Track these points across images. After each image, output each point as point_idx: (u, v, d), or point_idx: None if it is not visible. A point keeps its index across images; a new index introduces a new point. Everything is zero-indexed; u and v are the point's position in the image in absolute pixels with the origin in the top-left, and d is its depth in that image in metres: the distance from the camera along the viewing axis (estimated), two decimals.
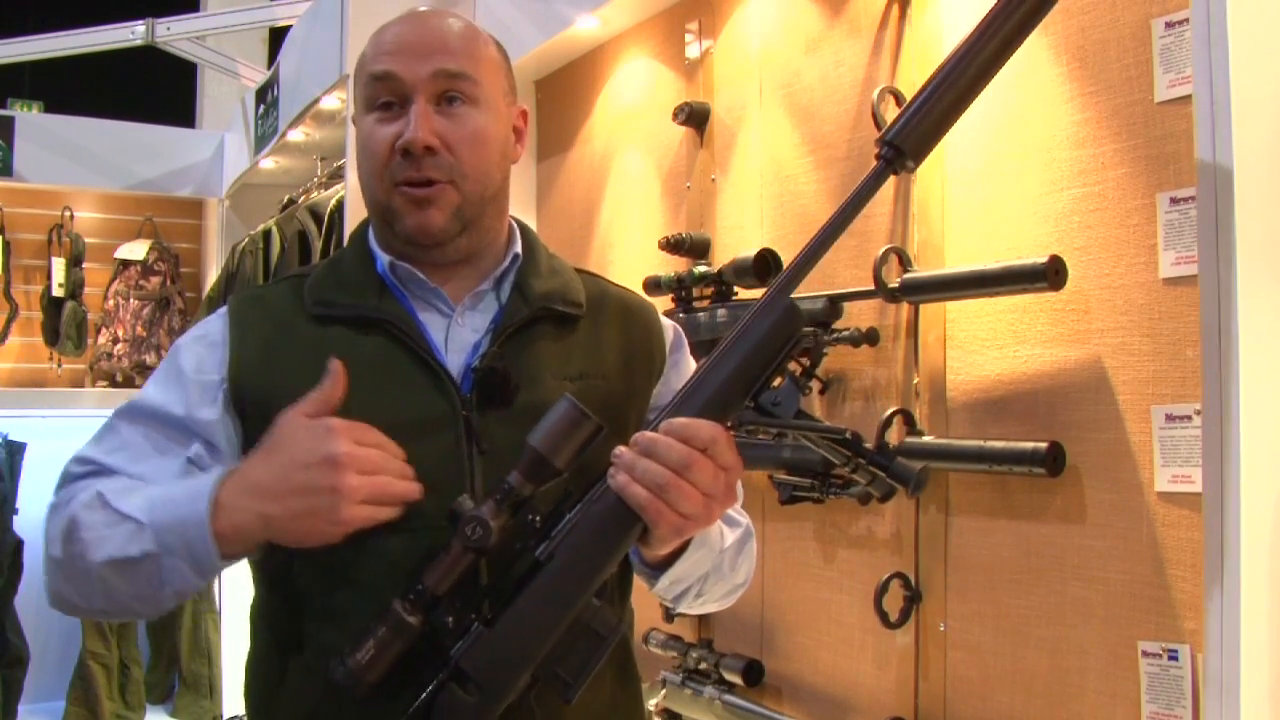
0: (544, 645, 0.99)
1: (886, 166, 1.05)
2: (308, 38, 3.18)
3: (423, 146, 1.11)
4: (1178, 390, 1.29)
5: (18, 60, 4.28)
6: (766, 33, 1.98)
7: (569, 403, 1.00)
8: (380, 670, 0.98)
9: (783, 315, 1.01)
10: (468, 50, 1.16)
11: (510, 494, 1.00)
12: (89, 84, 5.97)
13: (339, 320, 1.15)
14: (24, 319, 4.49)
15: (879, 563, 1.69)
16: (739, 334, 1.01)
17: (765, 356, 1.01)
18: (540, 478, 1.00)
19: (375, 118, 1.15)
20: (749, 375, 1.00)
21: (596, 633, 1.00)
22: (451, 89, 1.14)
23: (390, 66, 1.13)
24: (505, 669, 0.99)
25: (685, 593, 1.15)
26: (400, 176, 1.13)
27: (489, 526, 0.98)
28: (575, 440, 0.99)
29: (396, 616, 0.98)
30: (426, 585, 0.99)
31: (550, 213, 2.65)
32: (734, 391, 1.00)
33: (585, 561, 0.99)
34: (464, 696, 0.98)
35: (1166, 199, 1.31)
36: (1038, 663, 1.44)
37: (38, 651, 4.17)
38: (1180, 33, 1.29)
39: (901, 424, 1.61)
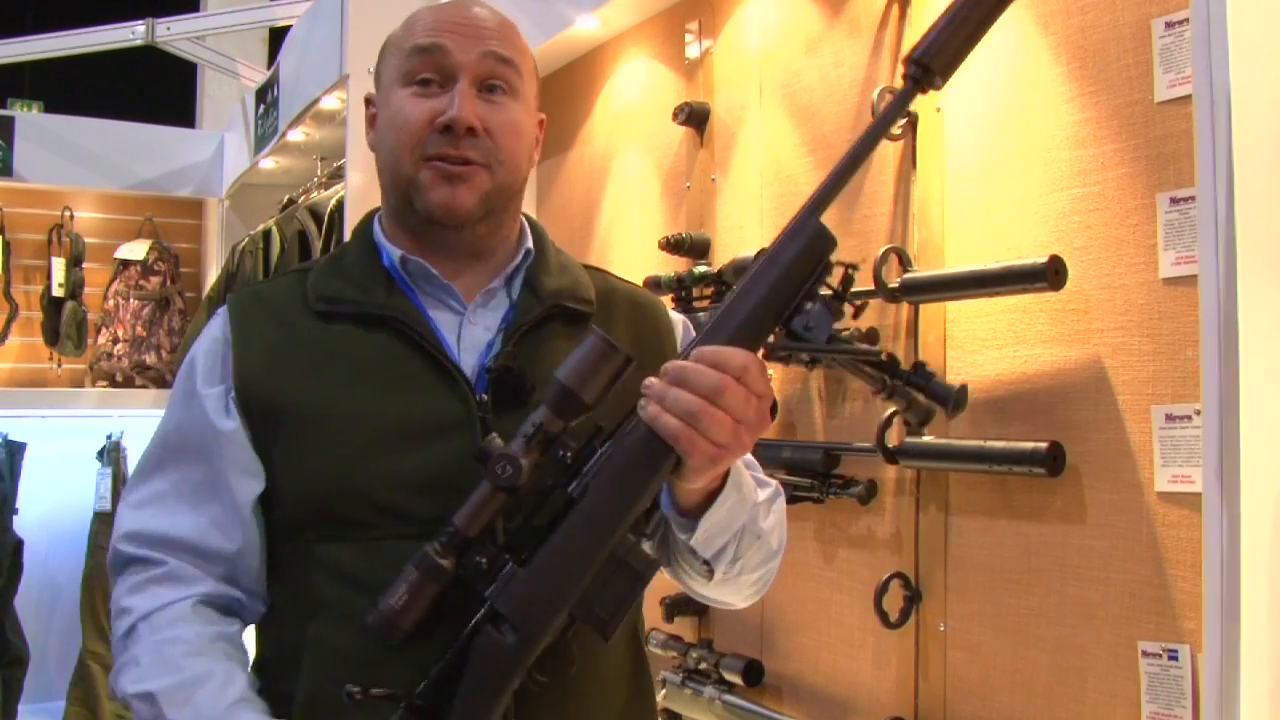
0: (579, 583, 0.97)
1: (914, 85, 1.01)
2: (308, 38, 3.18)
3: (465, 126, 1.10)
4: (1178, 390, 1.29)
5: (18, 60, 4.28)
6: (767, 33, 1.98)
7: (597, 336, 0.97)
8: (415, 615, 0.97)
9: (812, 238, 0.98)
10: (514, 43, 1.16)
11: (539, 431, 0.97)
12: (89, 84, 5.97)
13: (344, 317, 1.12)
14: (24, 319, 4.49)
15: (879, 563, 1.69)
16: (767, 259, 0.99)
17: (795, 281, 0.97)
18: (569, 413, 0.97)
19: (412, 91, 1.12)
20: (779, 300, 0.97)
21: (632, 568, 0.98)
22: (497, 75, 1.13)
23: (440, 40, 1.12)
24: (541, 608, 0.97)
25: (723, 552, 1.08)
26: (434, 151, 1.10)
27: (519, 464, 0.97)
28: (604, 374, 0.97)
29: (428, 559, 0.97)
30: (458, 527, 0.97)
31: (550, 212, 2.65)
32: (764, 318, 0.98)
33: (619, 496, 0.97)
34: (500, 638, 0.97)
35: (1166, 199, 1.31)
36: (1038, 663, 1.44)
37: (38, 651, 4.17)
38: (1180, 33, 1.29)
39: (901, 424, 1.61)
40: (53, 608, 4.45)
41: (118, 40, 4.06)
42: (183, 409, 1.14)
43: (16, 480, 4.10)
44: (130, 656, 1.06)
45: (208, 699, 1.02)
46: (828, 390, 1.82)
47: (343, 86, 2.81)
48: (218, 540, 1.10)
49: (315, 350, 1.11)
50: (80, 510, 4.29)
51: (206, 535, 1.10)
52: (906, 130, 1.65)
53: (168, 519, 1.10)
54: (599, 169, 2.48)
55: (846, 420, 1.77)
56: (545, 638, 0.98)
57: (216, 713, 1.01)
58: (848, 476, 1.72)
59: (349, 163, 2.78)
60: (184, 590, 1.09)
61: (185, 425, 1.13)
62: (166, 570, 1.09)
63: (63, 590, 4.40)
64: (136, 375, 4.48)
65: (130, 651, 1.06)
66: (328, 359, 1.11)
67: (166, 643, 1.05)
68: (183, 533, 1.10)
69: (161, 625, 1.06)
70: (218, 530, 1.10)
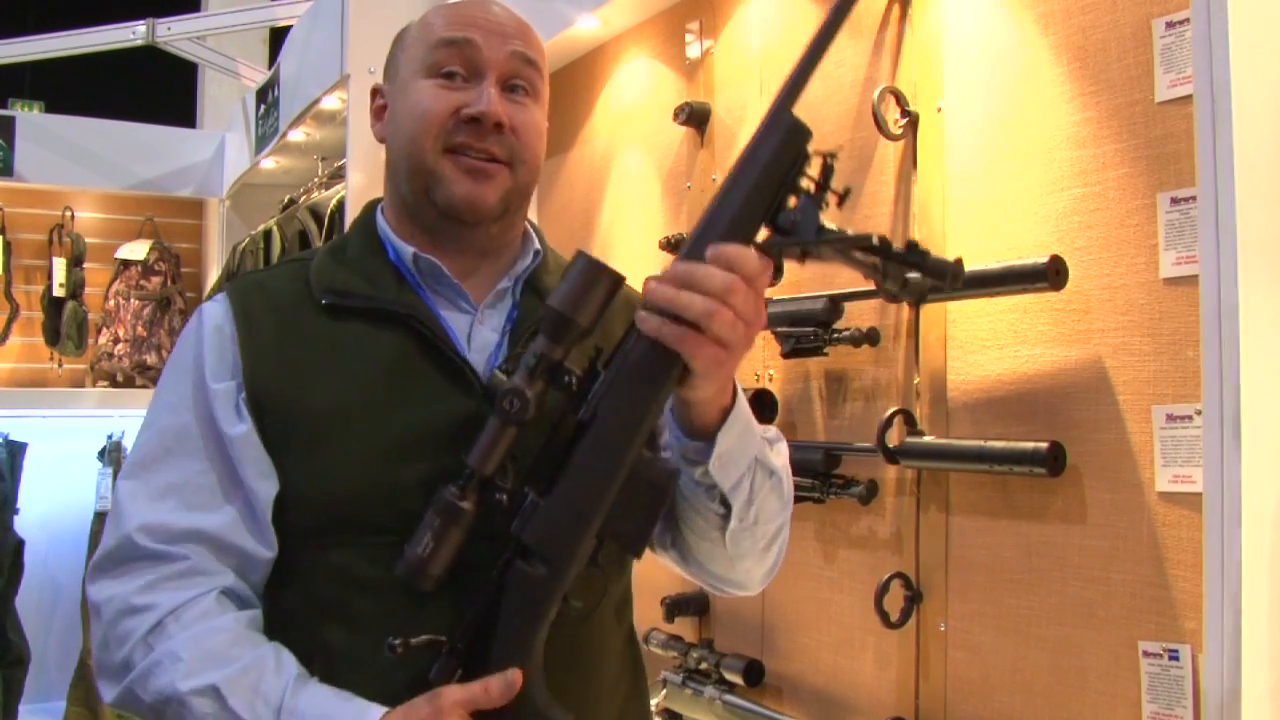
0: (602, 505, 0.97)
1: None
2: (308, 38, 3.18)
3: (495, 121, 1.09)
4: (1178, 390, 1.29)
5: (18, 60, 4.28)
6: (767, 32, 1.98)
7: (585, 257, 0.97)
8: (444, 562, 0.96)
9: (789, 132, 0.97)
10: (537, 45, 1.17)
11: (541, 360, 0.97)
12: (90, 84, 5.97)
13: (353, 312, 1.10)
14: (25, 319, 4.49)
15: (880, 563, 1.69)
16: (745, 158, 0.97)
17: (776, 176, 0.96)
18: (566, 338, 0.97)
19: (436, 83, 1.11)
20: (763, 198, 0.96)
21: (652, 484, 0.98)
22: (521, 75, 1.13)
23: (469, 35, 1.11)
24: (568, 536, 0.97)
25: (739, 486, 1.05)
26: (458, 142, 1.10)
27: (526, 397, 0.96)
28: (596, 295, 0.97)
29: (447, 502, 0.96)
30: (473, 467, 0.97)
31: (551, 213, 2.65)
32: (750, 216, 0.96)
33: (629, 413, 0.97)
34: (532, 571, 0.97)
35: (1167, 199, 1.31)
36: (1038, 663, 1.44)
37: (38, 651, 4.17)
38: (1181, 32, 1.29)
39: (902, 424, 1.61)
40: (53, 608, 4.45)
41: (118, 40, 4.06)
42: (192, 400, 1.09)
43: (17, 480, 4.10)
44: (166, 652, 0.99)
45: (270, 684, 0.99)
46: (828, 390, 1.82)
47: (343, 87, 2.81)
48: (243, 536, 1.06)
49: (326, 348, 1.09)
50: (81, 510, 4.29)
51: (233, 531, 1.06)
52: (907, 130, 1.65)
53: (190, 512, 1.05)
54: (599, 169, 2.48)
55: (847, 420, 1.78)
56: (576, 563, 0.98)
57: (280, 693, 0.98)
58: (848, 476, 1.72)
59: (349, 163, 2.78)
60: (207, 584, 1.04)
61: (200, 416, 1.08)
62: (189, 565, 1.04)
63: (63, 590, 4.40)
64: (137, 375, 4.48)
65: (164, 648, 1.00)
66: (339, 357, 1.08)
67: (206, 635, 1.00)
68: (210, 526, 1.05)
69: (193, 619, 1.01)
70: (241, 528, 1.06)
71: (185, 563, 1.04)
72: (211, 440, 1.08)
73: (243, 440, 1.07)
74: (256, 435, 1.07)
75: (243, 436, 1.07)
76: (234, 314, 1.11)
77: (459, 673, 0.98)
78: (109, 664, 1.03)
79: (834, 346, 1.72)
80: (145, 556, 1.04)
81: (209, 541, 1.05)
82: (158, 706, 0.99)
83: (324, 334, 1.10)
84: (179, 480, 1.07)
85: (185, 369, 1.11)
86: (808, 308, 1.73)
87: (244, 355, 1.09)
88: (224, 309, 1.12)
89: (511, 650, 0.97)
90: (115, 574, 1.05)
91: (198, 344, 1.11)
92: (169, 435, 1.09)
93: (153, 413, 1.11)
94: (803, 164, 0.97)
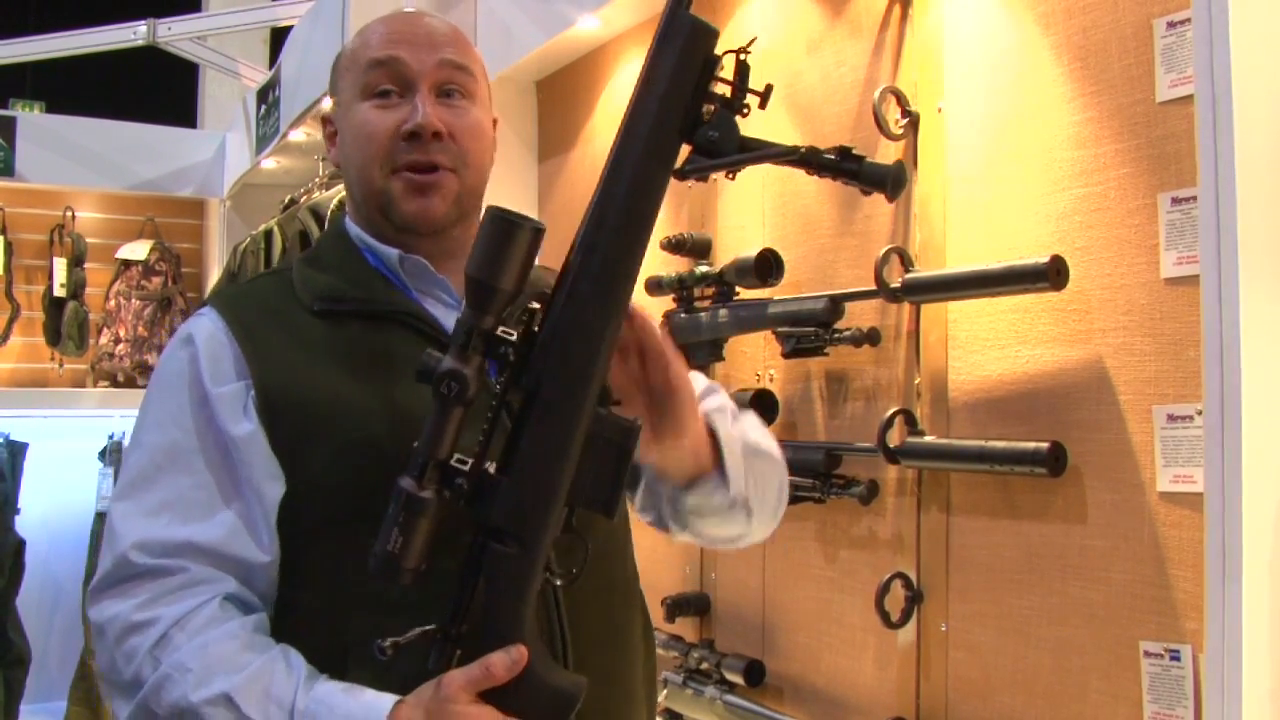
0: (563, 475, 0.94)
1: None
2: (309, 38, 3.18)
3: (432, 131, 1.12)
4: (1179, 390, 1.29)
5: (19, 60, 4.29)
6: (768, 33, 1.98)
7: (493, 213, 0.92)
8: (417, 553, 0.92)
9: (689, 35, 0.91)
10: (465, 48, 1.19)
11: (469, 334, 0.93)
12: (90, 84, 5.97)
13: (348, 315, 1.12)
14: (25, 319, 4.49)
15: (880, 563, 1.69)
16: (645, 73, 0.92)
17: (685, 87, 0.91)
18: (491, 305, 0.93)
19: (373, 104, 1.14)
20: (673, 116, 0.91)
21: (613, 442, 0.95)
22: (453, 80, 1.15)
23: (395, 53, 1.14)
24: (535, 510, 0.94)
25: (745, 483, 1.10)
26: (403, 161, 1.12)
27: (463, 375, 0.91)
28: (513, 253, 0.92)
29: (407, 495, 0.92)
30: (426, 455, 0.93)
31: (552, 213, 2.65)
32: (664, 140, 0.92)
33: (574, 376, 0.94)
34: (506, 550, 0.94)
35: (1168, 199, 1.31)
36: (1039, 663, 1.44)
37: (39, 651, 4.17)
38: (1182, 32, 1.29)
39: (903, 424, 1.61)
40: (54, 608, 4.45)
41: (119, 41, 4.07)
42: (187, 410, 1.08)
43: (18, 480, 4.10)
44: (174, 664, 0.99)
45: (281, 686, 0.98)
46: (829, 390, 1.82)
47: None
48: (241, 545, 1.06)
49: (328, 347, 1.10)
50: (82, 510, 4.29)
51: (229, 540, 1.05)
52: (908, 130, 1.65)
53: (185, 526, 1.05)
54: (600, 169, 2.47)
55: (848, 420, 1.77)
56: (548, 536, 0.95)
57: (292, 695, 0.98)
58: (849, 476, 1.72)
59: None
60: (208, 592, 1.04)
61: (193, 428, 1.08)
62: (188, 576, 1.03)
63: (64, 590, 4.40)
64: (138, 375, 4.48)
65: (171, 660, 0.99)
66: (343, 355, 1.10)
67: (213, 643, 1.00)
68: (204, 537, 1.04)
69: (199, 628, 1.01)
70: (242, 534, 1.06)
71: (184, 575, 1.04)
72: (211, 449, 1.07)
73: (248, 441, 1.06)
74: (263, 436, 1.07)
75: (248, 436, 1.06)
76: (227, 322, 1.11)
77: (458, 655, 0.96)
78: (120, 683, 1.02)
79: (835, 346, 1.72)
80: (143, 573, 1.04)
81: (205, 554, 1.05)
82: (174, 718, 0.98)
83: (323, 336, 1.11)
84: (172, 496, 1.06)
85: (175, 384, 1.10)
86: (808, 308, 1.73)
87: (250, 356, 1.09)
88: (214, 320, 1.12)
89: (502, 630, 0.95)
90: (114, 594, 1.04)
91: (190, 357, 1.10)
92: (159, 452, 1.08)
93: (140, 431, 1.11)
94: (713, 68, 0.93)
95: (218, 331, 1.11)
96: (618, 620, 1.17)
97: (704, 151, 0.93)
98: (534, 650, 0.96)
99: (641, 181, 0.95)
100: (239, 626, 1.03)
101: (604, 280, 0.95)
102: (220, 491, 1.07)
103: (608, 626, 1.14)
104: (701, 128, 0.93)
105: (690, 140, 0.93)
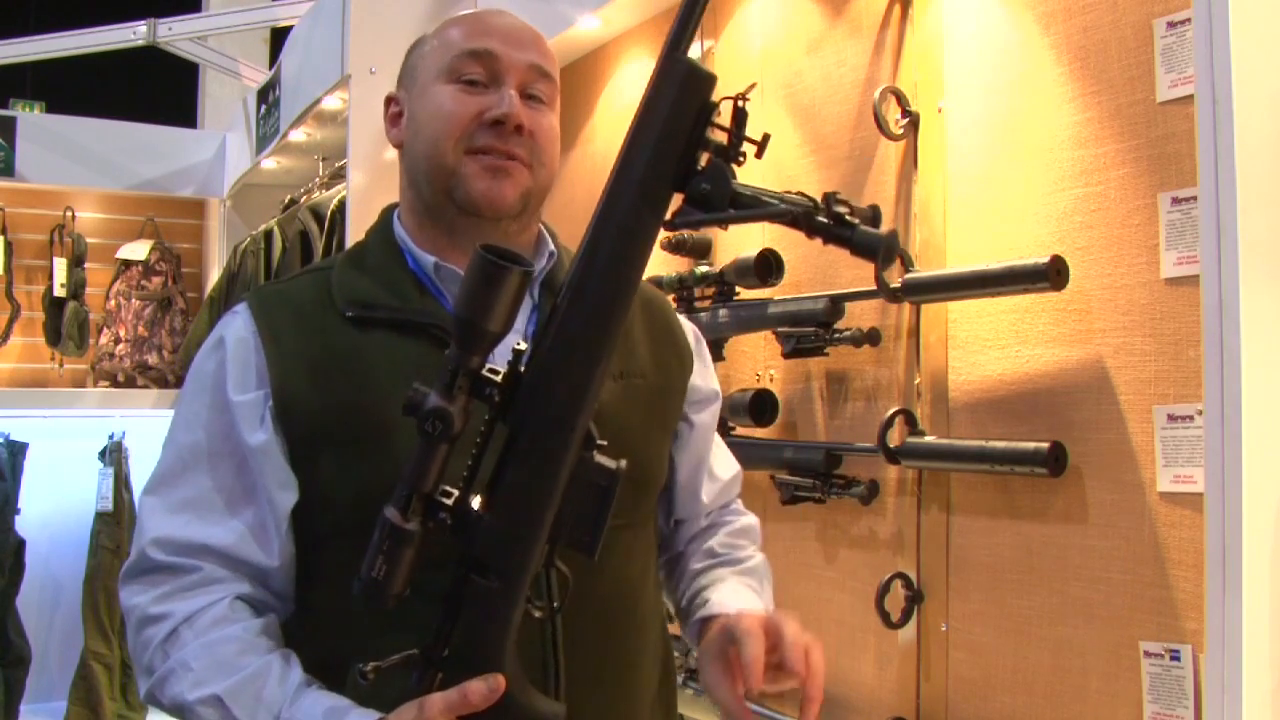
0: (545, 514, 0.94)
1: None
2: (309, 38, 3.18)
3: (517, 123, 1.12)
4: (1180, 390, 1.29)
5: (20, 60, 4.29)
6: (768, 32, 1.98)
7: (480, 254, 0.90)
8: (401, 580, 0.93)
9: (684, 80, 0.90)
10: (551, 58, 1.20)
11: (456, 373, 0.92)
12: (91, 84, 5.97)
13: (378, 323, 1.12)
14: (26, 319, 4.49)
15: (881, 563, 1.69)
16: (639, 118, 0.91)
17: (679, 134, 0.89)
18: (478, 346, 0.92)
19: (458, 88, 1.14)
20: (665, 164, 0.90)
21: (596, 484, 0.95)
22: (537, 85, 1.16)
23: (489, 45, 1.15)
24: (515, 547, 0.95)
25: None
26: (481, 144, 1.12)
27: (448, 414, 0.91)
28: (502, 295, 0.90)
29: (389, 524, 0.93)
30: (410, 487, 0.93)
31: (552, 213, 2.64)
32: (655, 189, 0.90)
33: (558, 418, 0.93)
34: (487, 584, 0.95)
35: (1168, 199, 1.31)
36: (1040, 663, 1.44)
37: (39, 651, 4.17)
38: (1182, 32, 1.29)
39: (903, 424, 1.61)
40: (54, 608, 4.45)
41: (119, 41, 4.07)
42: (211, 414, 1.11)
43: (18, 480, 4.11)
44: (179, 660, 1.03)
45: (273, 691, 1.01)
46: (829, 390, 1.82)
47: (344, 87, 2.81)
48: (252, 550, 1.09)
49: (352, 356, 1.10)
50: (82, 510, 4.29)
51: (241, 545, 1.08)
52: (908, 130, 1.65)
53: (202, 527, 1.08)
54: (601, 169, 2.47)
55: (848, 420, 1.77)
56: (528, 573, 0.96)
57: (283, 703, 1.01)
58: (850, 476, 1.72)
59: (350, 163, 2.78)
60: (221, 591, 1.07)
61: (217, 432, 1.10)
62: (201, 575, 1.07)
63: (64, 590, 4.40)
64: (138, 375, 4.48)
65: (177, 656, 1.04)
66: (366, 365, 1.10)
67: (217, 643, 1.04)
68: (218, 541, 1.08)
69: (206, 626, 1.05)
70: (253, 540, 1.09)
71: (198, 573, 1.08)
72: (230, 454, 1.10)
73: (263, 450, 1.08)
74: (278, 446, 1.09)
75: (263, 446, 1.08)
76: (257, 326, 1.12)
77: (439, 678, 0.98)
78: (139, 665, 1.08)
79: (835, 346, 1.72)
80: (161, 569, 1.08)
81: (218, 556, 1.08)
82: (174, 711, 1.04)
83: (349, 343, 1.11)
84: (193, 495, 1.10)
85: (204, 385, 1.13)
86: (809, 308, 1.73)
87: (270, 365, 1.10)
88: (246, 321, 1.13)
89: (482, 657, 0.97)
90: (136, 585, 1.09)
91: (219, 359, 1.12)
92: (185, 451, 1.11)
93: (173, 428, 1.14)
94: (709, 115, 0.92)
95: (248, 336, 1.12)
96: (620, 654, 1.17)
97: (696, 203, 0.91)
98: (516, 678, 0.97)
99: (631, 227, 0.94)
100: (244, 629, 1.05)
101: (590, 324, 0.95)
102: (236, 496, 1.10)
103: (606, 659, 1.14)
104: (695, 178, 0.91)
105: (682, 190, 0.92)
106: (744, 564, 1.29)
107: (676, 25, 0.94)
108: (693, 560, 1.31)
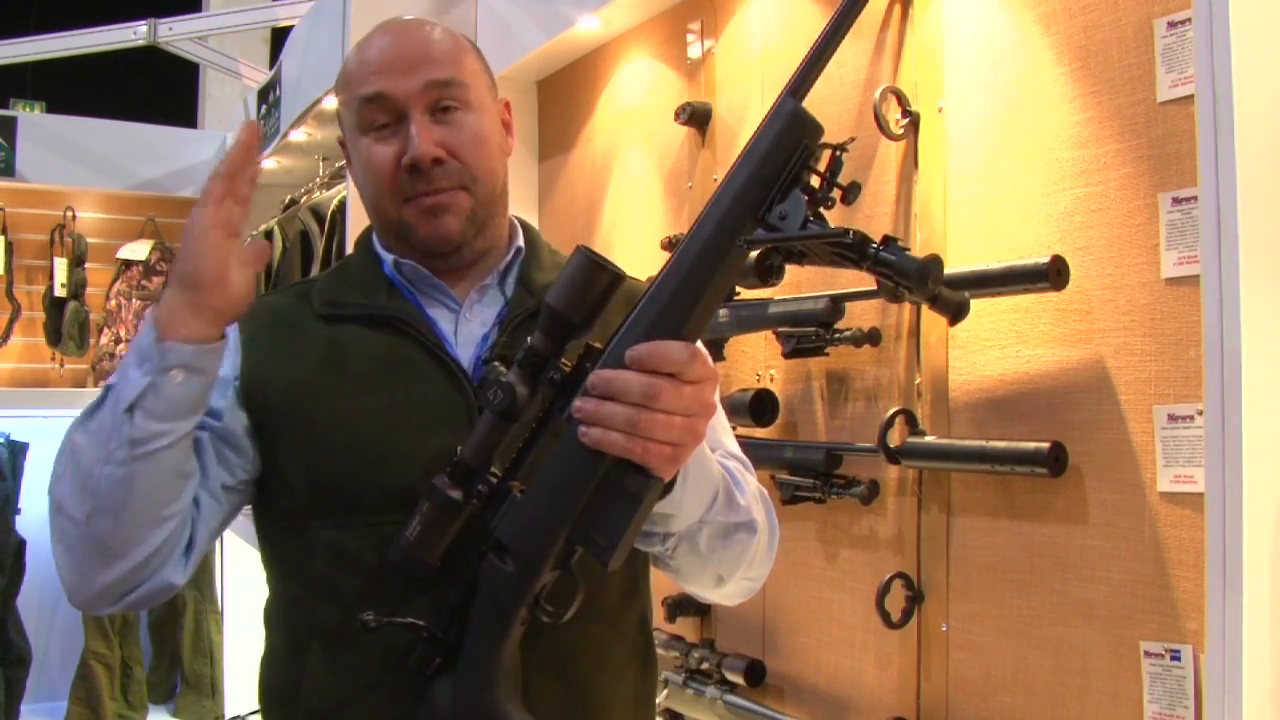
0: (572, 508, 0.95)
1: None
2: (310, 38, 3.18)
3: (430, 160, 1.13)
4: (1180, 390, 1.29)
5: (20, 60, 4.29)
6: (769, 32, 1.98)
7: (583, 255, 0.96)
8: (434, 548, 0.98)
9: (787, 122, 0.94)
10: (451, 57, 1.17)
11: (530, 355, 0.97)
12: (91, 84, 5.98)
13: (348, 319, 1.17)
14: (26, 319, 4.50)
15: (881, 563, 1.69)
16: (745, 150, 0.96)
17: (773, 170, 0.94)
18: (560, 335, 0.97)
19: (372, 138, 1.16)
20: (755, 193, 0.94)
21: (628, 491, 0.95)
22: (443, 97, 1.15)
23: (380, 87, 1.15)
24: (537, 535, 0.96)
25: (699, 532, 1.08)
26: (411, 191, 1.15)
27: (512, 389, 0.97)
28: (592, 293, 0.96)
29: (438, 491, 0.98)
30: (464, 458, 0.99)
31: (552, 213, 2.65)
32: (739, 214, 0.94)
33: None
34: (502, 566, 0.97)
35: (1169, 199, 1.31)
36: (1040, 663, 1.44)
37: (40, 651, 4.18)
38: (1182, 32, 1.29)
39: (904, 424, 1.61)
40: (55, 608, 4.45)
41: (120, 41, 4.07)
42: None
43: (19, 480, 4.11)
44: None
45: (108, 410, 1.06)
46: (830, 390, 1.82)
47: None
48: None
49: (322, 347, 1.15)
50: None
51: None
52: (908, 130, 1.65)
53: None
54: (601, 169, 2.48)
55: (849, 420, 1.77)
56: (545, 565, 0.97)
57: (119, 412, 1.04)
58: (850, 476, 1.72)
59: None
60: None
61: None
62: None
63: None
64: None
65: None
66: (334, 354, 1.15)
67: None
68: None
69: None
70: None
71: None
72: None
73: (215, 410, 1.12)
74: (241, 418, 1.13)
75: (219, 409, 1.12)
76: (239, 328, 1.16)
77: (437, 661, 1.00)
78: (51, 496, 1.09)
79: (835, 346, 1.72)
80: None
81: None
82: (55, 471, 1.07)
83: (319, 336, 1.16)
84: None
85: None
86: (809, 308, 1.73)
87: (244, 359, 1.16)
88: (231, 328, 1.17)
89: (482, 649, 0.98)
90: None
91: None
92: None
93: None
94: (805, 157, 0.94)
95: (232, 342, 1.15)
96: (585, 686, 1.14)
97: (769, 227, 0.95)
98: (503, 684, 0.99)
99: (712, 247, 0.96)
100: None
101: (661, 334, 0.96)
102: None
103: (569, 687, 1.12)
104: (778, 206, 0.95)
105: (764, 217, 0.96)
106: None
107: (798, 72, 0.97)
108: None
